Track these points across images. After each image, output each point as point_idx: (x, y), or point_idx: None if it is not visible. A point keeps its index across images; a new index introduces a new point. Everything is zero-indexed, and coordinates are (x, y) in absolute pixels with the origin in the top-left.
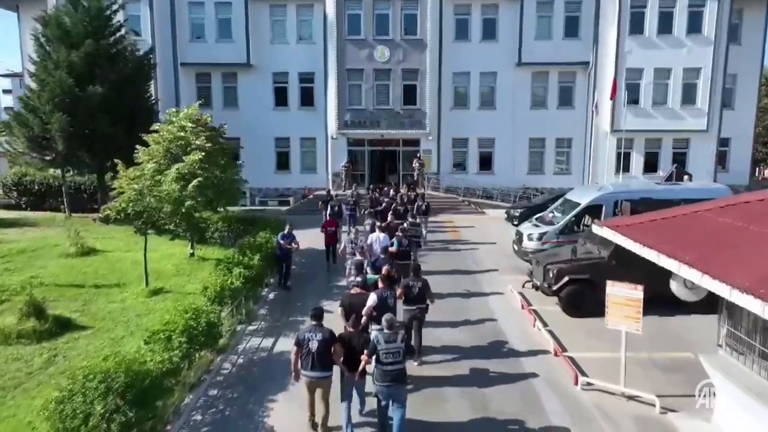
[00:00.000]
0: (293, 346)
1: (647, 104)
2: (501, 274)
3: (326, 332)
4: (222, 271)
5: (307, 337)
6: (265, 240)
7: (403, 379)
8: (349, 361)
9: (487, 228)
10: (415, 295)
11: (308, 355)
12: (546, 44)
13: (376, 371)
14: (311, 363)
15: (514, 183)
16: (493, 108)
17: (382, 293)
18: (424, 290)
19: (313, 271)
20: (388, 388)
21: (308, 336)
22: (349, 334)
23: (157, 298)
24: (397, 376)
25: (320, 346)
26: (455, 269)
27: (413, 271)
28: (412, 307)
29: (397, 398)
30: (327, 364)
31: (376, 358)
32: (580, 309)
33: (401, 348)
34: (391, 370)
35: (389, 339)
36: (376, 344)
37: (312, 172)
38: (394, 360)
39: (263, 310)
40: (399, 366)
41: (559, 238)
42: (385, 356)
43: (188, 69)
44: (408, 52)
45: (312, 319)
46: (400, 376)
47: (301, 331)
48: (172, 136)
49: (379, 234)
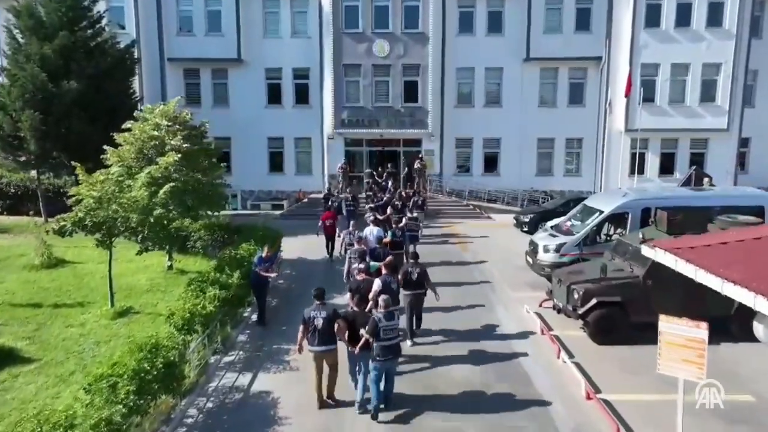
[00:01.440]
0: (300, 324)
1: (664, 102)
2: (514, 290)
3: (329, 310)
4: (194, 292)
5: (312, 315)
6: (248, 253)
7: (398, 354)
8: (352, 337)
9: (494, 235)
10: (414, 280)
11: (314, 332)
12: (555, 38)
13: (377, 347)
14: (317, 339)
15: (521, 185)
16: (499, 106)
17: (386, 279)
18: (423, 276)
19: (303, 286)
20: (385, 362)
21: (313, 314)
22: (353, 313)
23: (123, 321)
24: (394, 350)
25: (324, 323)
26: (461, 285)
27: (412, 258)
28: (412, 292)
29: (391, 371)
30: (331, 339)
31: (377, 336)
32: (610, 335)
33: (398, 324)
34: (389, 345)
35: (388, 317)
36: (377, 322)
37: (307, 174)
38: (393, 336)
39: (243, 336)
40: (396, 341)
41: (582, 250)
42: (385, 333)
43: (175, 64)
44: (409, 47)
45: (315, 299)
46: (397, 350)
47: (306, 311)
48: (145, 136)
49: (373, 228)
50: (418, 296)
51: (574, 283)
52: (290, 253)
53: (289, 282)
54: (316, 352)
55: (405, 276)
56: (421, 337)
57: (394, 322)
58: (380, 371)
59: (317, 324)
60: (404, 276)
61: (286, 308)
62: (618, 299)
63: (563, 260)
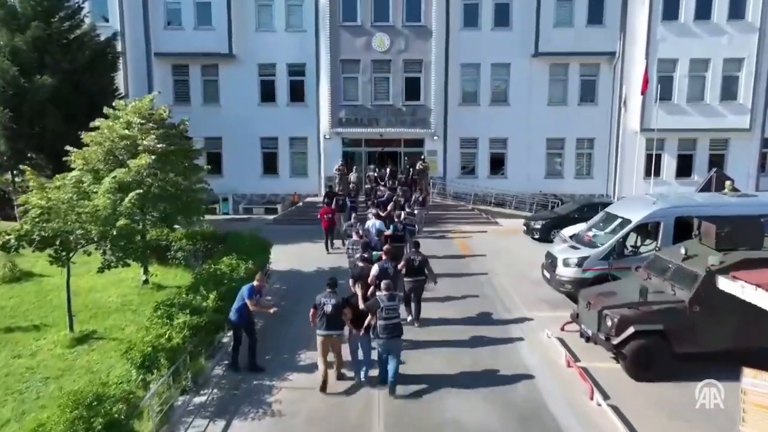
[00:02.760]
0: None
1: (682, 100)
2: (530, 308)
3: (338, 298)
4: (159, 319)
5: (322, 301)
6: (230, 268)
7: (399, 332)
8: (356, 321)
9: (503, 243)
10: (416, 267)
11: (323, 316)
12: (566, 32)
13: (379, 326)
14: (326, 323)
15: (529, 188)
16: (506, 104)
17: (383, 264)
18: (423, 264)
19: (293, 303)
20: (387, 340)
21: (324, 300)
22: (357, 299)
23: (82, 349)
24: (394, 328)
25: (333, 309)
26: (470, 301)
27: (414, 247)
28: (413, 278)
29: (394, 350)
30: (338, 324)
31: (379, 315)
32: (650, 370)
33: (398, 306)
34: (389, 324)
35: (390, 299)
36: (379, 302)
37: (302, 176)
38: (393, 315)
39: (219, 369)
40: (395, 320)
41: (611, 264)
42: (386, 312)
43: (163, 60)
44: (410, 41)
45: (327, 287)
46: (397, 329)
47: (317, 297)
48: (115, 135)
49: (375, 221)
50: (420, 282)
51: (607, 308)
52: (281, 264)
53: (278, 298)
54: (323, 335)
55: (408, 263)
56: (424, 371)
57: (395, 303)
58: (384, 348)
59: (326, 309)
60: (407, 263)
61: (271, 332)
62: (660, 328)
63: (586, 276)
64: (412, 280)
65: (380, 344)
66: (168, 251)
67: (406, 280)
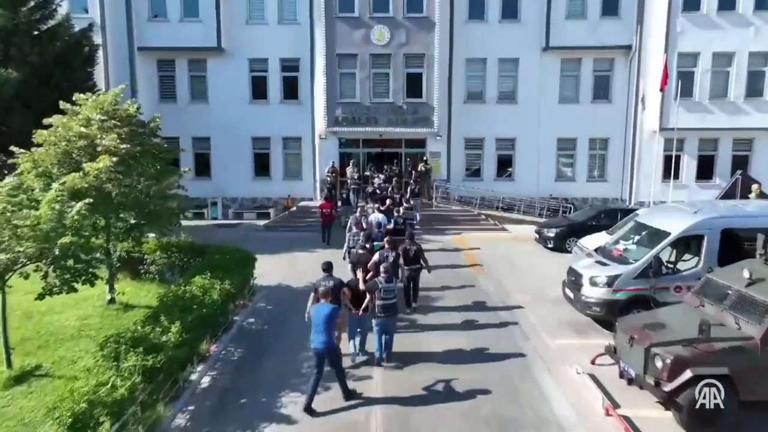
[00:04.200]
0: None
1: (703, 97)
2: (552, 335)
3: (336, 280)
4: (105, 360)
5: (322, 284)
6: (202, 290)
7: (395, 312)
8: (354, 302)
9: (513, 253)
10: (411, 256)
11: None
12: (579, 24)
13: (378, 306)
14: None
15: (538, 192)
16: (514, 102)
17: (383, 253)
18: (419, 253)
19: (278, 325)
20: (384, 319)
21: (323, 283)
22: (356, 281)
23: (19, 391)
24: (391, 307)
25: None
26: (482, 327)
27: (408, 238)
28: (410, 267)
29: (390, 328)
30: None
31: (377, 296)
32: (712, 424)
33: (395, 288)
34: (387, 304)
35: (388, 281)
36: (378, 284)
37: (296, 178)
38: (390, 296)
39: (181, 418)
40: (392, 301)
41: (652, 285)
42: (385, 293)
43: (147, 54)
44: (412, 34)
45: (324, 271)
46: (393, 309)
47: (317, 281)
48: (71, 134)
49: (378, 215)
50: (416, 270)
51: (655, 345)
52: (268, 278)
53: (261, 321)
54: None
55: (404, 253)
56: (428, 414)
57: (392, 285)
58: (381, 325)
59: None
60: (404, 253)
61: (250, 366)
62: (724, 371)
63: (618, 297)
64: (408, 268)
65: (378, 322)
66: (141, 264)
67: (404, 268)
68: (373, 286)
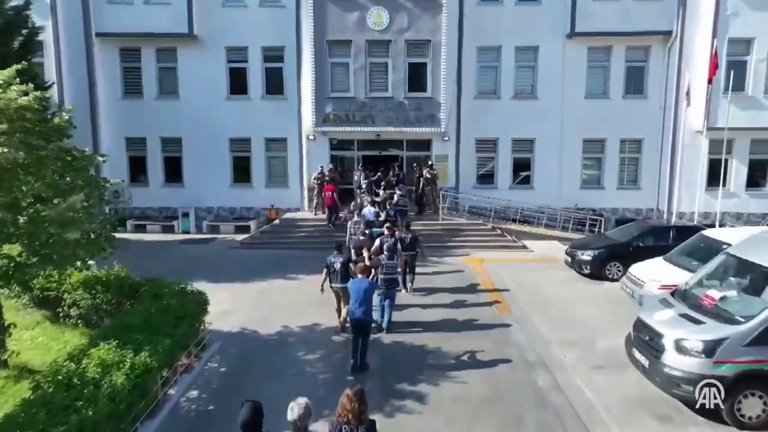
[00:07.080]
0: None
1: (757, 91)
2: (622, 426)
3: (345, 257)
4: None
5: (332, 261)
6: (99, 371)
7: (396, 285)
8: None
9: (542, 280)
10: (407, 244)
11: (334, 272)
12: (610, 6)
13: (381, 279)
14: (337, 278)
15: (561, 201)
16: (533, 98)
17: (382, 239)
18: (414, 241)
19: (231, 398)
20: (386, 290)
21: (333, 260)
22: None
23: None
24: (392, 281)
25: (341, 267)
26: (510, 408)
27: (405, 227)
28: (406, 253)
29: (391, 297)
30: (346, 278)
31: (380, 271)
32: None
33: (396, 264)
34: (388, 278)
35: (390, 258)
36: (380, 261)
37: (281, 185)
38: (392, 271)
39: None
40: (393, 276)
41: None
42: (386, 269)
43: (107, 42)
44: (415, 17)
45: (335, 249)
46: (394, 282)
47: (328, 258)
48: None
49: (370, 207)
50: (412, 257)
51: None
52: (229, 320)
53: (208, 393)
54: (336, 288)
55: (401, 241)
56: None
57: (394, 262)
58: (384, 296)
59: (336, 267)
60: (400, 241)
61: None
62: None
63: (722, 372)
64: (405, 254)
65: (381, 293)
66: (60, 306)
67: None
68: (377, 263)
